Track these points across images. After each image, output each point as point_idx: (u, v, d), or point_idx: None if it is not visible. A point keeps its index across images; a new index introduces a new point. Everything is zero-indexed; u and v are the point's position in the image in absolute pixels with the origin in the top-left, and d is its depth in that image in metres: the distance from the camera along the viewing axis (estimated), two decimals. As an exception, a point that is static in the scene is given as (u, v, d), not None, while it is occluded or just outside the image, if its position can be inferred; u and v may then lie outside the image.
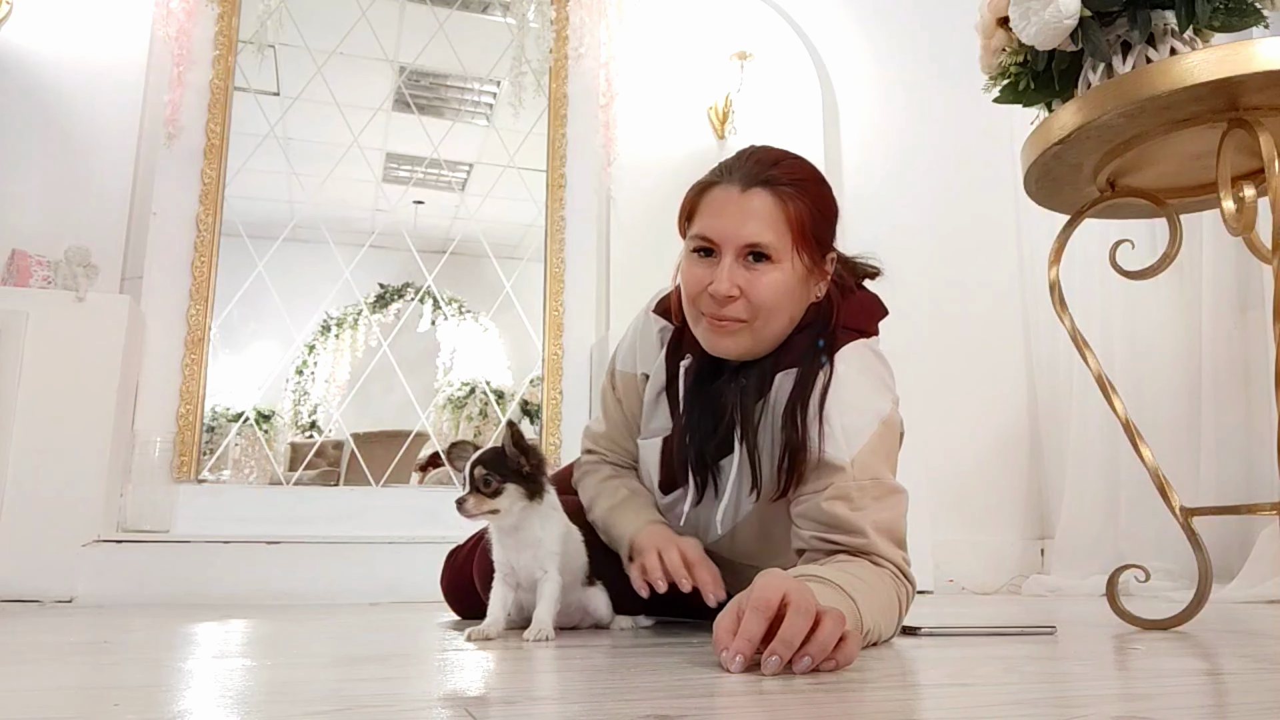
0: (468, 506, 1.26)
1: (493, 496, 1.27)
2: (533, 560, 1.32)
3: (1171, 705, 0.71)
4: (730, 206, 1.22)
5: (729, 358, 1.29)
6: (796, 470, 1.22)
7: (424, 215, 3.61)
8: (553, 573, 1.32)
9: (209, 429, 2.97)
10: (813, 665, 0.84)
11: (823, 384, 1.23)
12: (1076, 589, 2.89)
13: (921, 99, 3.60)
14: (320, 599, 2.37)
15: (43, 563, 2.27)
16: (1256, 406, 2.60)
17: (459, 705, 0.69)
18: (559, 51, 3.32)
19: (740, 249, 1.21)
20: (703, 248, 1.24)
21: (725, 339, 1.26)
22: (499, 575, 1.34)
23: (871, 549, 1.16)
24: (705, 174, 1.29)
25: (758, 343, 1.26)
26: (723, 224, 1.22)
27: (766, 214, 1.21)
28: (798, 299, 1.25)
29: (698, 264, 1.25)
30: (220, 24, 3.01)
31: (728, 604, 0.94)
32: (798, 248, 1.21)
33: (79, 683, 0.85)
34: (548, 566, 1.32)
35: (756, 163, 1.24)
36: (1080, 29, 1.37)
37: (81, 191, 2.73)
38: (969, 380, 3.44)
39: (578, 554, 1.39)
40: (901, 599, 1.17)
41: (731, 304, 1.22)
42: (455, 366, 3.66)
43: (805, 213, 1.22)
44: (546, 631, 1.26)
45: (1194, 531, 1.43)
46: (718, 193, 1.24)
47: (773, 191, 1.21)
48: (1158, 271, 1.50)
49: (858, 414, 1.22)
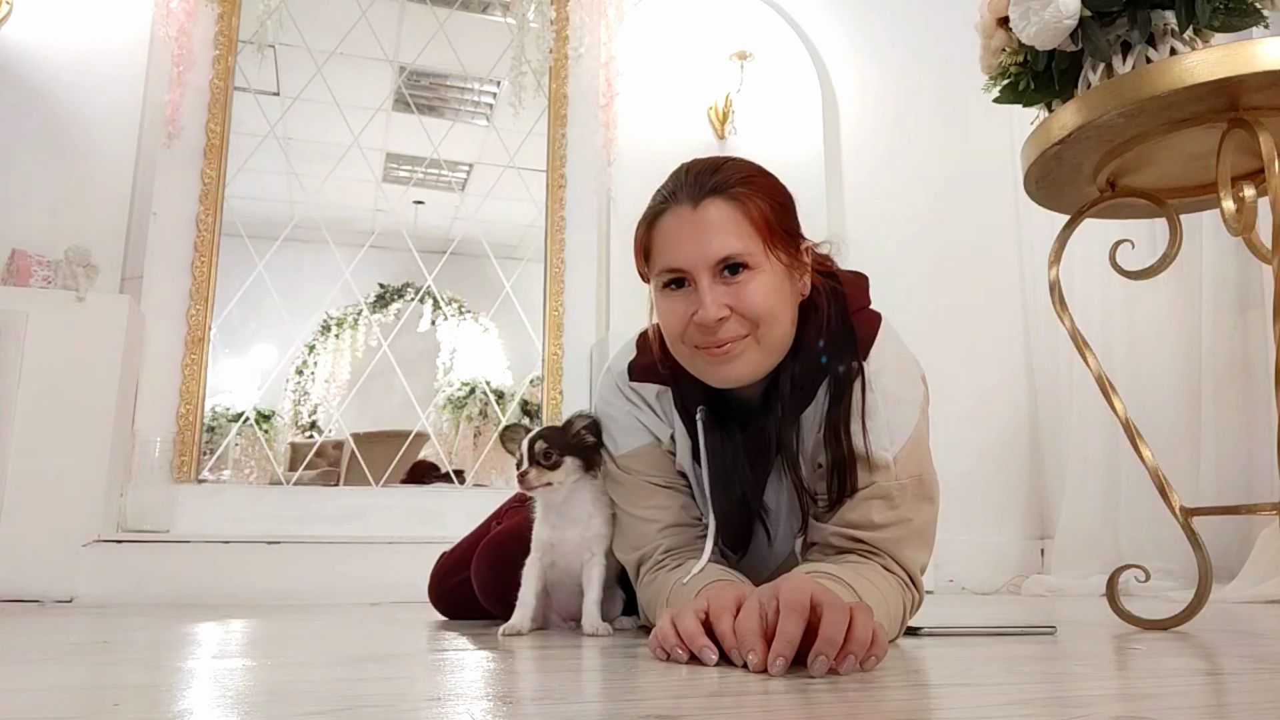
0: (530, 479, 1.30)
1: (551, 469, 1.31)
2: (579, 540, 1.33)
3: (1171, 705, 0.71)
4: (687, 228, 1.12)
5: (740, 384, 1.17)
6: (849, 483, 1.15)
7: (424, 215, 3.61)
8: (599, 557, 1.33)
9: (209, 429, 2.97)
10: (857, 663, 0.82)
11: (861, 384, 1.16)
12: (1076, 589, 2.89)
13: (922, 99, 3.60)
14: (320, 599, 2.37)
15: (43, 563, 2.27)
16: (1256, 406, 2.60)
17: (459, 705, 0.69)
18: (559, 51, 3.32)
19: (714, 267, 1.11)
20: (673, 280, 1.15)
21: (731, 365, 1.14)
22: (534, 556, 1.35)
23: (888, 550, 1.13)
24: (647, 205, 1.19)
25: (767, 355, 1.16)
26: (686, 248, 1.12)
27: (727, 222, 1.12)
28: (788, 299, 1.16)
29: (673, 299, 1.15)
30: (220, 24, 3.01)
31: (745, 605, 0.89)
32: (770, 247, 1.13)
33: (79, 683, 0.85)
34: (595, 549, 1.33)
35: (697, 175, 1.15)
36: (1080, 29, 1.37)
37: (81, 191, 2.73)
38: (969, 380, 3.44)
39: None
40: (906, 606, 1.15)
41: (724, 325, 1.11)
42: (455, 366, 3.66)
43: (766, 208, 1.13)
44: (599, 624, 1.28)
45: (1194, 531, 1.43)
46: (669, 219, 1.15)
47: (725, 198, 1.12)
48: (1158, 271, 1.50)
49: (900, 405, 1.17)
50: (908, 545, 1.14)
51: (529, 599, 1.32)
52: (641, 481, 1.28)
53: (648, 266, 1.19)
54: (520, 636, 1.27)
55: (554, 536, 1.35)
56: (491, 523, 1.69)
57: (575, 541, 1.34)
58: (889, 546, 1.13)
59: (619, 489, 1.31)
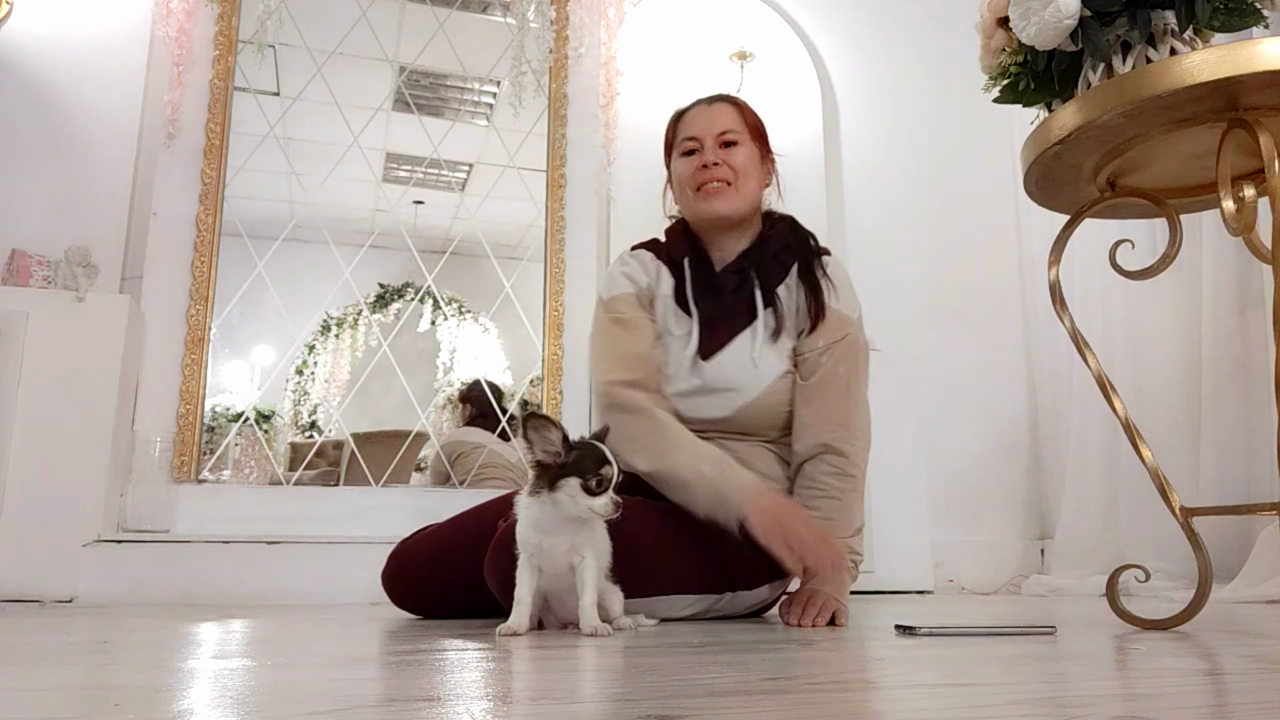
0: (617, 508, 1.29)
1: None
2: (569, 544, 1.32)
3: (1171, 705, 0.71)
4: (704, 114, 1.78)
5: (721, 216, 1.73)
6: (820, 306, 1.68)
7: (424, 215, 3.61)
8: (590, 559, 1.31)
9: (209, 429, 2.97)
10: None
11: (822, 269, 1.73)
12: (1076, 589, 2.88)
13: (921, 99, 3.60)
14: (320, 599, 2.37)
15: (43, 563, 2.27)
16: (1256, 406, 2.60)
17: (458, 705, 0.69)
18: (559, 51, 3.31)
19: (717, 136, 1.74)
20: (690, 149, 1.75)
21: (717, 200, 1.72)
22: (524, 558, 1.33)
23: (855, 470, 1.65)
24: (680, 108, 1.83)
25: (741, 201, 1.73)
26: (702, 124, 1.76)
27: (730, 115, 1.77)
28: (757, 174, 1.76)
29: (688, 160, 1.75)
30: (220, 24, 3.00)
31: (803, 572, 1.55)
32: (753, 137, 1.77)
33: (79, 683, 0.85)
34: (585, 552, 1.32)
35: (713, 93, 1.84)
36: (1080, 29, 1.37)
37: (81, 191, 2.73)
38: (969, 380, 3.44)
39: (605, 543, 1.38)
40: (860, 491, 1.66)
41: (718, 169, 1.71)
42: (455, 366, 3.66)
43: (753, 118, 1.80)
44: (598, 624, 1.28)
45: (1194, 531, 1.43)
46: (694, 111, 1.80)
47: (730, 103, 1.80)
48: (1158, 271, 1.50)
49: (850, 293, 1.73)
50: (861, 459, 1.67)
51: (525, 598, 1.31)
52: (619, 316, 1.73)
53: (672, 147, 1.81)
54: (518, 636, 1.27)
55: (544, 541, 1.33)
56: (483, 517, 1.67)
57: (565, 546, 1.32)
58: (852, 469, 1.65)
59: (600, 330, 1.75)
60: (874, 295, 3.38)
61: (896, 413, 2.92)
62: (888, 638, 1.29)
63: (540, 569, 1.34)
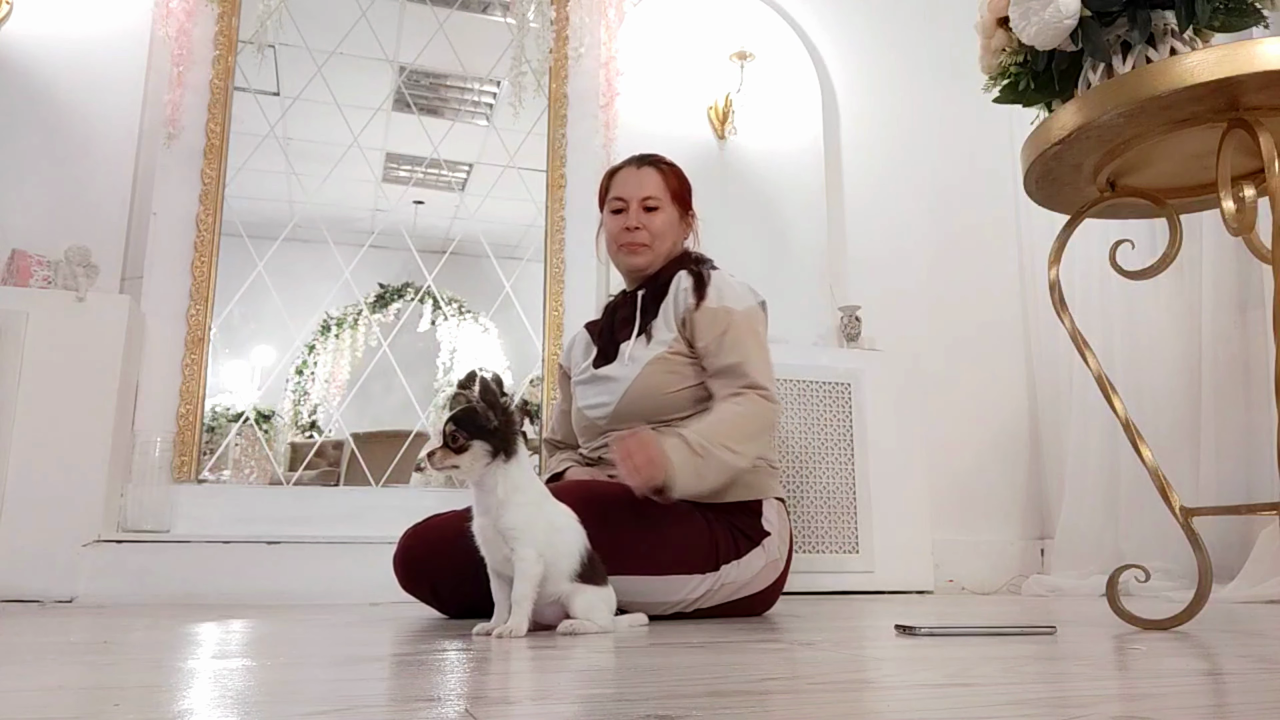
0: (435, 459, 1.26)
1: (458, 452, 1.25)
2: (493, 530, 1.26)
3: (1171, 705, 0.71)
4: (634, 178, 2.02)
5: (637, 268, 2.00)
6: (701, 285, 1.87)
7: (424, 215, 3.61)
8: (522, 551, 1.24)
9: (209, 429, 2.97)
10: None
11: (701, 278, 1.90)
12: (1076, 589, 2.88)
13: (921, 99, 3.60)
14: (320, 599, 2.37)
15: (43, 563, 2.27)
16: (1256, 406, 2.60)
17: (458, 705, 0.69)
18: (559, 51, 3.31)
19: (640, 201, 1.98)
20: (618, 208, 2.00)
21: (635, 257, 1.99)
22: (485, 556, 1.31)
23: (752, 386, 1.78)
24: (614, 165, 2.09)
25: (654, 257, 1.99)
26: (631, 187, 2.00)
27: (654, 181, 2.01)
28: (675, 233, 2.01)
29: (616, 217, 2.01)
30: (220, 24, 3.00)
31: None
32: (673, 200, 2.01)
33: (79, 683, 0.85)
34: (513, 544, 1.25)
35: (643, 154, 2.07)
36: (1080, 29, 1.37)
37: (81, 191, 2.73)
38: (969, 380, 3.44)
39: (566, 545, 1.33)
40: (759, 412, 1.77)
41: (639, 233, 1.97)
42: (455, 366, 3.66)
43: (675, 182, 2.03)
44: (511, 628, 1.20)
45: (1194, 531, 1.43)
46: (624, 172, 2.04)
47: (655, 168, 2.03)
48: (1158, 271, 1.49)
49: (734, 293, 1.88)
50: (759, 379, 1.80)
51: (497, 596, 1.29)
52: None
53: (605, 201, 2.05)
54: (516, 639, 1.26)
55: (476, 527, 1.29)
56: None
57: (489, 532, 1.27)
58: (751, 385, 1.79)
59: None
60: (874, 295, 3.42)
61: (896, 413, 2.93)
62: (888, 638, 1.29)
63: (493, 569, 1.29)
